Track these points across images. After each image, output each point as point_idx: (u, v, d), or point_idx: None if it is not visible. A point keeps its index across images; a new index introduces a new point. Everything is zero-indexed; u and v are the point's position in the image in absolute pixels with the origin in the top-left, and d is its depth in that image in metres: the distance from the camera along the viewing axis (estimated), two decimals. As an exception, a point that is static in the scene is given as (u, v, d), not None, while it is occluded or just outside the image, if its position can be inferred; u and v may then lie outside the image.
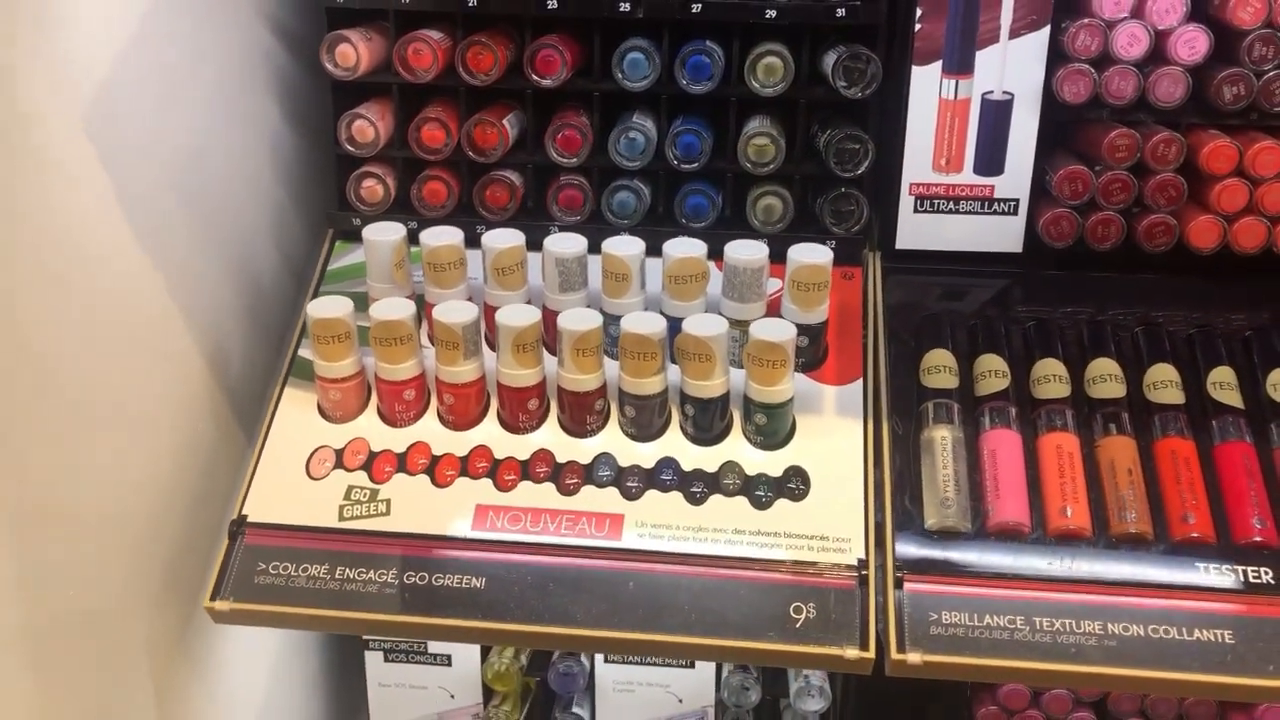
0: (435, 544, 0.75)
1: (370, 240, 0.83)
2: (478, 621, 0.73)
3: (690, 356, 0.76)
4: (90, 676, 0.70)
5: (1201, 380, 0.80)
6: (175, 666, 0.80)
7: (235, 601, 0.74)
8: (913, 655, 0.70)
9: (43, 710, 0.64)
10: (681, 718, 1.04)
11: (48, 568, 0.64)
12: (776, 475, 0.77)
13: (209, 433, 0.84)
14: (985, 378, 0.81)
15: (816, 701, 0.99)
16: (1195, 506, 0.74)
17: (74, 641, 0.68)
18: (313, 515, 0.77)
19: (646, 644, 0.72)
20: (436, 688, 1.04)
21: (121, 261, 0.72)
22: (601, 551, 0.75)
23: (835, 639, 0.71)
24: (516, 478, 0.78)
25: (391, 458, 0.79)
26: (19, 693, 0.62)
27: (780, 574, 0.73)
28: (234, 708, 0.91)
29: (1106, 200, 0.83)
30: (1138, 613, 0.71)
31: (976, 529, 0.74)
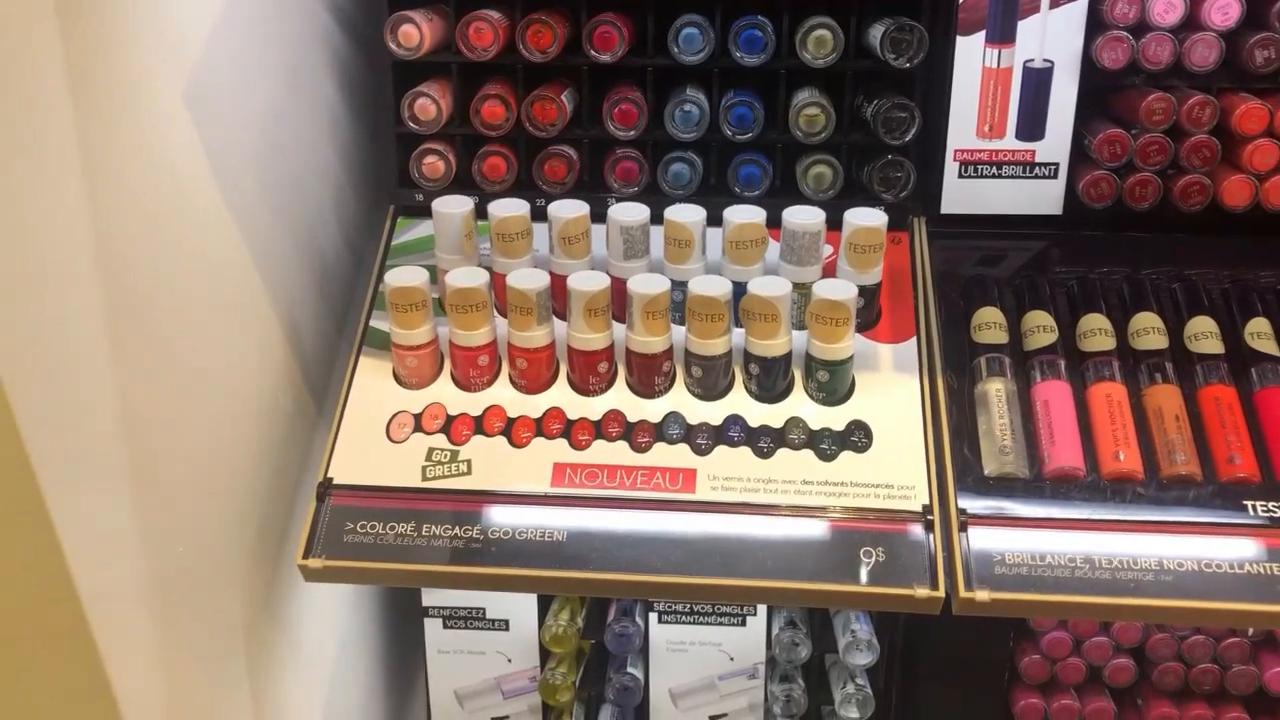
0: (517, 500, 0.79)
1: (440, 213, 0.86)
2: (561, 571, 0.76)
3: (756, 317, 0.80)
4: (198, 628, 0.73)
5: (1239, 331, 0.84)
6: (263, 625, 0.83)
7: (327, 559, 0.77)
8: (980, 593, 0.73)
9: (164, 660, 0.67)
10: (733, 674, 1.07)
11: (164, 525, 0.67)
12: (839, 429, 0.81)
13: (286, 401, 0.87)
14: (1033, 333, 0.84)
15: (865, 655, 1.02)
16: (1240, 449, 0.77)
17: (185, 594, 0.71)
18: (396, 476, 0.80)
19: (723, 589, 0.75)
20: (494, 652, 1.08)
21: (216, 232, 0.75)
22: (676, 504, 0.78)
23: (905, 580, 0.75)
24: (590, 437, 0.81)
25: (469, 420, 0.82)
26: (145, 643, 0.64)
27: (849, 521, 0.77)
28: (310, 668, 0.94)
29: (1144, 162, 0.87)
30: (1191, 549, 0.74)
31: (1034, 475, 0.78)
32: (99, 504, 0.60)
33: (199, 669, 0.73)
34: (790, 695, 1.06)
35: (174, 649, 0.68)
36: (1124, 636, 0.99)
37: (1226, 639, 0.98)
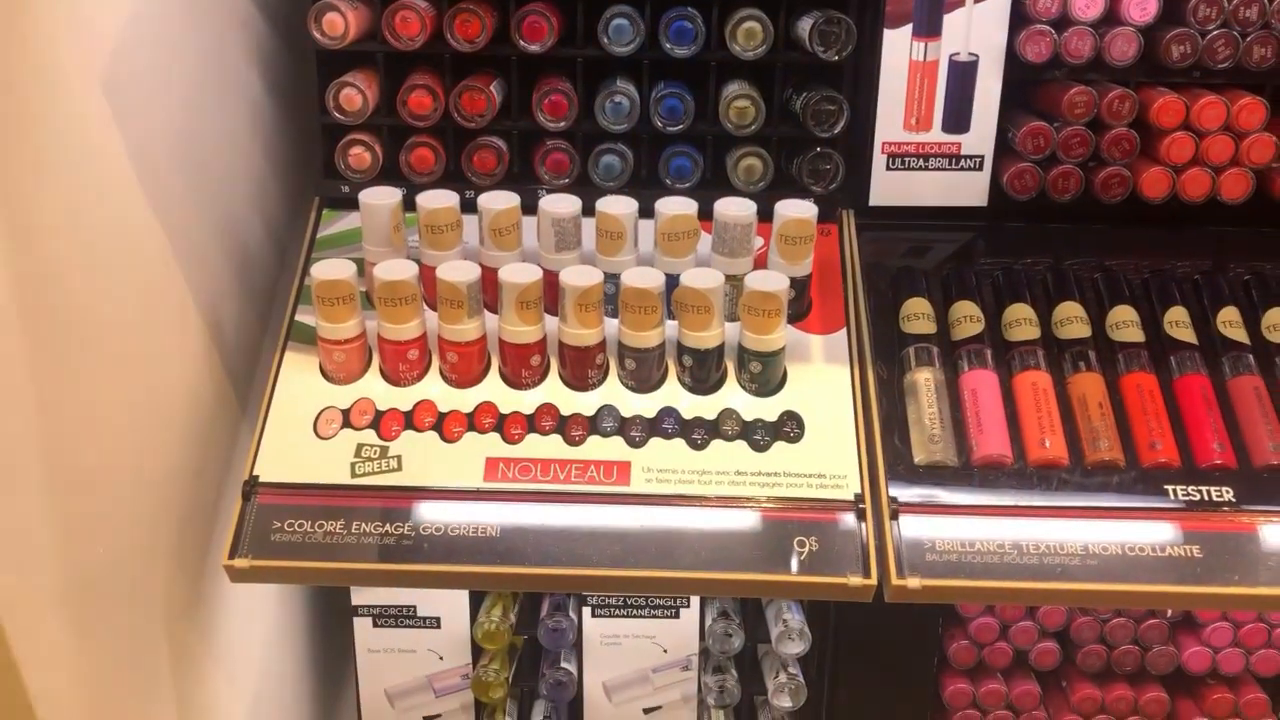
0: (449, 496, 0.78)
1: (367, 204, 0.84)
2: (496, 567, 0.75)
3: (689, 309, 0.80)
4: (119, 632, 0.70)
5: (1159, 320, 0.86)
6: (185, 627, 0.81)
7: (254, 559, 0.75)
8: (912, 580, 0.74)
9: (83, 664, 0.65)
10: (666, 666, 1.07)
11: (80, 526, 0.65)
12: (772, 420, 0.81)
13: (208, 398, 0.84)
14: (961, 323, 0.85)
15: (797, 645, 1.03)
16: (1161, 434, 0.79)
17: (105, 596, 0.68)
18: (325, 473, 0.78)
19: (659, 581, 0.75)
20: (425, 650, 1.06)
21: (135, 224, 0.73)
22: (611, 497, 0.78)
23: (838, 569, 0.75)
24: (523, 431, 0.80)
25: (399, 416, 0.81)
26: (61, 648, 0.62)
27: (782, 511, 0.77)
28: (237, 669, 0.92)
29: (1066, 154, 0.89)
30: (1115, 533, 0.76)
31: (963, 463, 0.79)
32: (9, 502, 0.58)
33: (120, 673, 0.71)
34: (724, 686, 1.06)
35: (93, 653, 0.66)
36: (1049, 620, 1.01)
37: (1146, 621, 1.00)
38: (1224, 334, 0.84)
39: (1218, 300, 0.86)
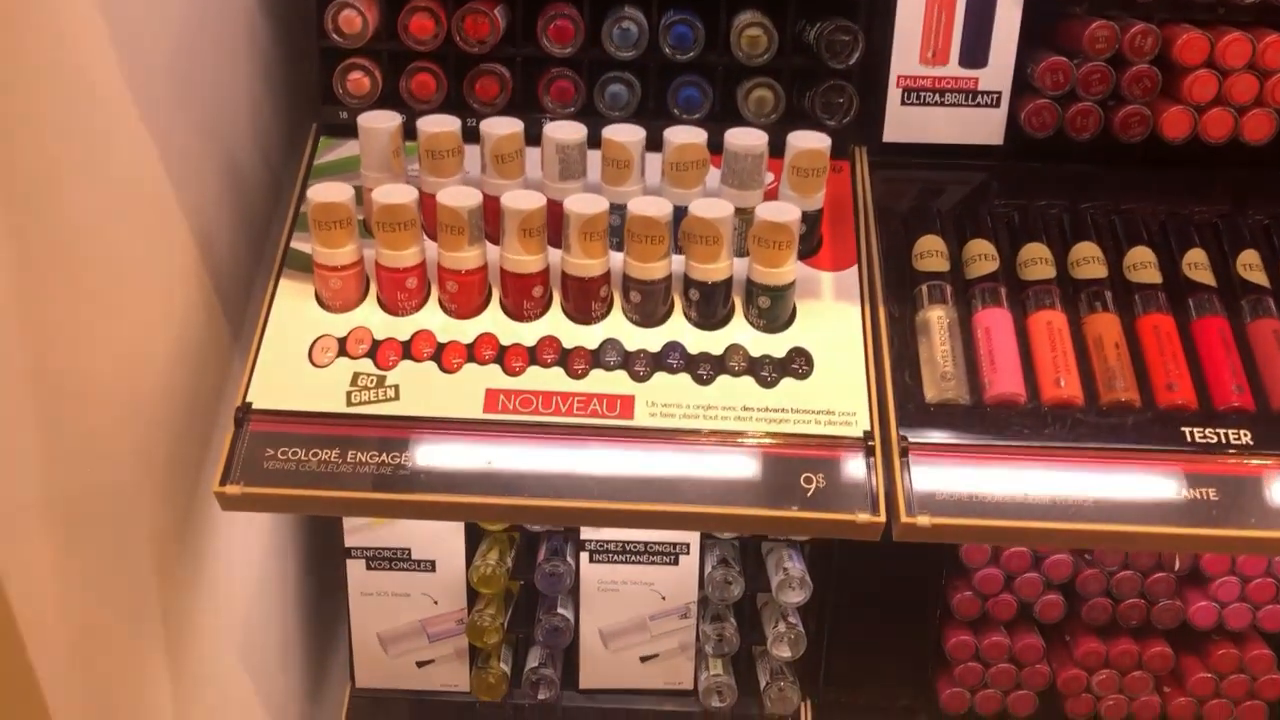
0: (447, 427, 0.75)
1: (366, 127, 0.81)
2: (495, 498, 0.73)
3: (697, 240, 0.77)
4: (104, 557, 0.68)
5: (1177, 262, 0.84)
6: (175, 559, 0.79)
7: (245, 486, 0.73)
8: (921, 518, 0.72)
9: (68, 584, 0.62)
10: (665, 614, 1.05)
11: (67, 440, 0.63)
12: (780, 356, 0.79)
13: (199, 324, 0.82)
14: (975, 262, 0.83)
15: (797, 593, 1.01)
16: (1178, 376, 0.77)
17: (91, 519, 0.66)
18: (319, 401, 0.76)
19: (662, 515, 0.73)
20: (420, 594, 1.04)
21: (127, 142, 0.70)
22: (614, 430, 0.76)
23: (846, 506, 0.73)
24: (524, 363, 0.78)
25: (396, 345, 0.79)
26: (42, 562, 0.60)
27: (790, 447, 0.75)
28: (227, 608, 0.90)
29: (1086, 91, 0.86)
30: (1129, 474, 0.74)
31: (975, 401, 0.77)
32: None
33: (106, 598, 0.69)
34: (722, 634, 1.05)
35: (79, 575, 0.64)
36: (1054, 572, 0.99)
37: (1153, 574, 0.99)
38: (1243, 277, 0.82)
39: (1237, 243, 0.84)
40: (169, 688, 0.78)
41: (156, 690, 0.77)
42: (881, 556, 1.00)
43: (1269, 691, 1.03)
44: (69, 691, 0.62)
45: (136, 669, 0.74)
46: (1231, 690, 1.03)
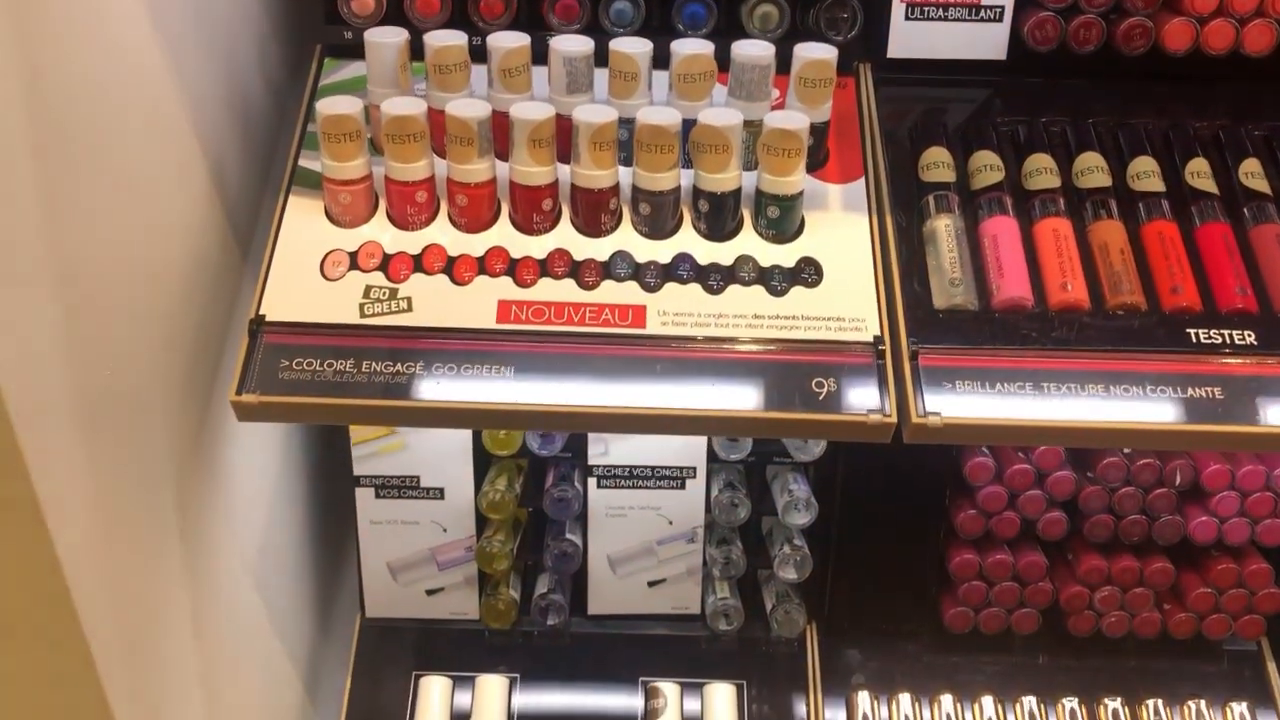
0: (461, 337, 0.76)
1: (373, 42, 0.81)
2: (510, 403, 0.73)
3: (706, 149, 0.78)
4: (127, 461, 0.69)
5: (1179, 172, 0.84)
6: (191, 473, 0.80)
7: (262, 394, 0.73)
8: (932, 418, 0.73)
9: (87, 480, 0.63)
10: (672, 539, 1.06)
11: (88, 346, 0.63)
12: (790, 266, 0.79)
13: (213, 243, 0.82)
14: (980, 173, 0.84)
15: (803, 515, 1.03)
16: (1183, 279, 0.78)
17: (114, 422, 0.67)
18: (332, 313, 0.76)
19: (676, 418, 0.74)
20: (429, 522, 1.05)
21: (141, 57, 0.70)
22: (626, 339, 0.76)
23: (857, 408, 0.74)
24: (536, 276, 0.79)
25: (407, 259, 0.79)
26: (67, 460, 0.60)
27: (801, 353, 0.76)
28: (240, 532, 0.90)
29: (1088, 4, 0.87)
30: (1136, 374, 0.75)
31: (982, 307, 0.78)
32: (17, 299, 0.56)
33: (127, 501, 0.69)
34: (729, 557, 1.06)
35: (102, 474, 0.65)
36: (1057, 490, 1.00)
37: (1154, 490, 1.00)
38: (1246, 185, 0.83)
39: (1239, 153, 0.85)
40: (188, 599, 0.79)
41: (177, 599, 0.77)
42: (886, 477, 1.02)
43: (1267, 605, 1.05)
44: (96, 592, 0.63)
45: (157, 574, 0.74)
46: (1230, 605, 1.05)
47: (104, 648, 0.64)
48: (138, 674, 0.70)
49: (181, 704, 0.78)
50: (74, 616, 0.61)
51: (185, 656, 0.79)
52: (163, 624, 0.75)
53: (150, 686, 0.72)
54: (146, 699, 0.71)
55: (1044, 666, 1.08)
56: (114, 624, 0.66)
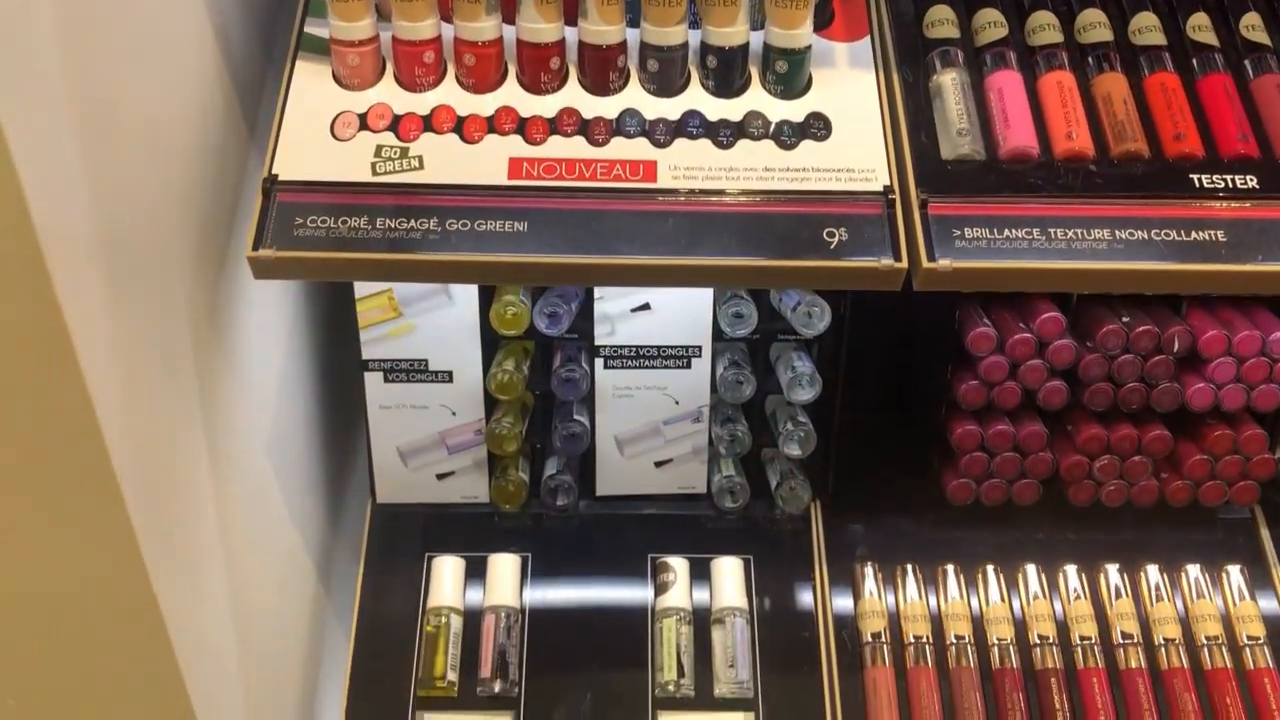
0: (473, 194, 0.76)
1: (377, -97, 0.81)
2: (525, 256, 0.74)
3: (715, 1, 0.78)
4: (148, 299, 0.69)
5: (1181, 27, 0.85)
6: (206, 330, 0.80)
7: (278, 250, 0.73)
8: (943, 263, 0.74)
9: (110, 318, 0.63)
10: (678, 419, 1.08)
11: (111, 178, 0.63)
12: (799, 120, 0.80)
13: (221, 104, 0.82)
14: (984, 29, 0.84)
15: (807, 391, 1.04)
16: (1185, 127, 0.79)
17: (134, 262, 0.67)
18: (345, 172, 0.77)
19: (690, 269, 0.75)
20: (438, 406, 1.06)
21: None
22: (638, 193, 0.77)
23: (868, 254, 0.75)
24: (545, 134, 0.79)
25: (416, 120, 0.79)
26: (92, 292, 0.61)
27: (811, 204, 0.77)
28: (254, 403, 0.91)
29: None
30: (1141, 219, 0.76)
31: (989, 158, 0.79)
32: (50, 123, 0.56)
33: (151, 358, 0.70)
34: (734, 435, 1.07)
35: (126, 314, 0.65)
36: (1057, 358, 1.01)
37: (1153, 358, 1.02)
38: (1246, 37, 0.84)
39: (1240, 7, 0.86)
40: (209, 468, 0.79)
41: (197, 457, 0.78)
42: (888, 352, 1.03)
43: (1261, 471, 1.07)
44: (123, 436, 0.63)
45: (178, 430, 0.75)
46: (1226, 472, 1.07)
47: (136, 500, 0.64)
48: (166, 529, 0.70)
49: (208, 573, 0.79)
50: (105, 455, 0.62)
51: (209, 527, 0.80)
52: (188, 490, 0.76)
53: (179, 546, 0.73)
54: (178, 557, 0.72)
55: (1044, 539, 1.10)
56: (143, 480, 0.66)
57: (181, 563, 0.73)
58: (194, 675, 0.72)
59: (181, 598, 0.72)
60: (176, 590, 0.70)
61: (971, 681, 1.01)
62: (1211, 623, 1.04)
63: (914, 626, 1.04)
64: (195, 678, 0.73)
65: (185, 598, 0.73)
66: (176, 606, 0.70)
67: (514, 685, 1.00)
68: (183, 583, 0.73)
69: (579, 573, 1.07)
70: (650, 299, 1.01)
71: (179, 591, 0.71)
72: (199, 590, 0.76)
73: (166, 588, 0.68)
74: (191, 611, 0.74)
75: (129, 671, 0.71)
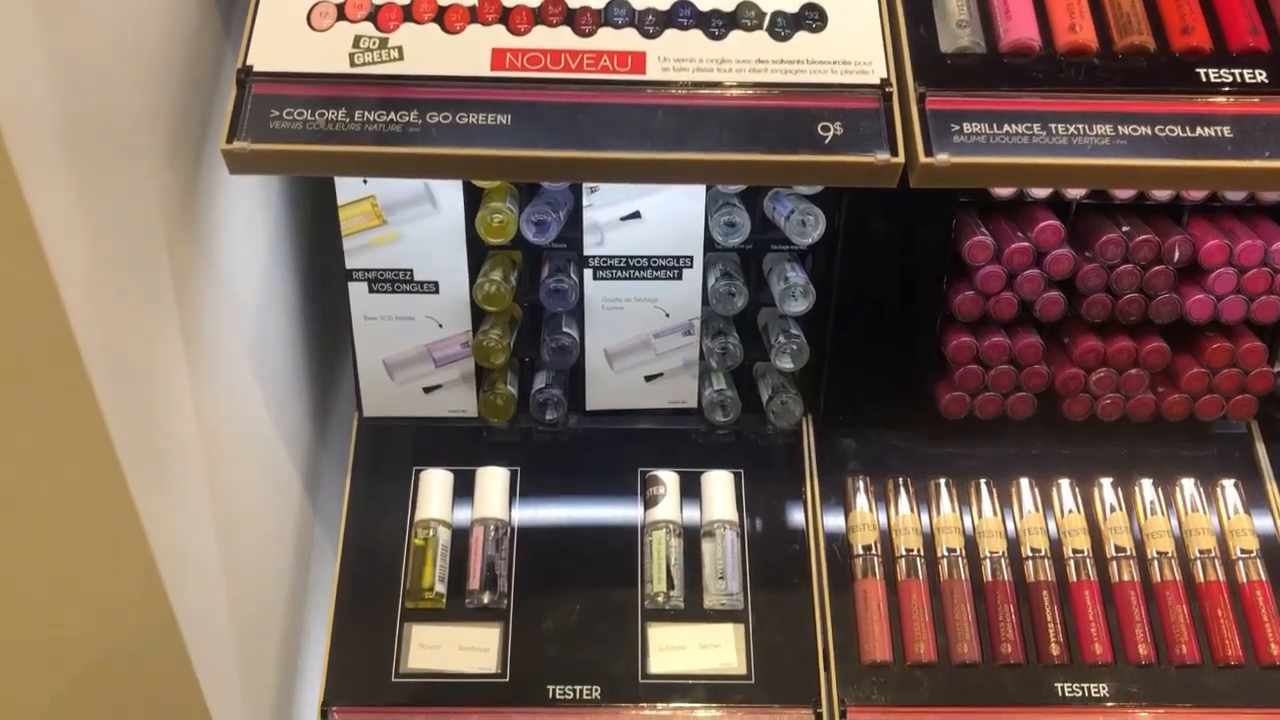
0: (455, 85, 0.74)
1: None
2: (509, 150, 0.72)
3: (705, -115, 0.75)
4: (113, 206, 0.67)
5: (1190, -82, 0.82)
6: (182, 237, 0.78)
7: (253, 143, 0.71)
8: (940, 158, 0.72)
9: (84, 221, 0.61)
10: (668, 331, 1.06)
11: (75, 64, 0.60)
12: (793, 11, 0.77)
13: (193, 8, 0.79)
14: (987, -80, 0.81)
15: (800, 303, 1.02)
16: (1193, 19, 0.77)
17: (101, 159, 0.64)
18: (322, 63, 0.74)
19: (680, 164, 0.73)
20: (424, 317, 1.04)
21: None
22: (626, 85, 0.74)
23: (864, 148, 0.73)
24: (529, 24, 0.76)
25: (396, 9, 0.76)
26: (60, 183, 0.59)
27: (806, 97, 0.74)
28: (235, 311, 0.89)
29: None
30: (1145, 115, 0.74)
31: (990, 51, 0.76)
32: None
33: (122, 253, 0.67)
34: (726, 348, 1.06)
35: (95, 208, 0.63)
36: (1055, 268, 1.00)
37: (1153, 268, 1.00)
38: (1258, -72, 0.81)
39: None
40: (185, 362, 0.78)
41: (173, 358, 0.76)
42: (883, 264, 1.01)
43: (1259, 384, 1.06)
44: (93, 329, 0.61)
45: (153, 326, 0.73)
46: (1223, 385, 1.05)
47: (108, 396, 0.63)
48: (142, 430, 0.69)
49: (188, 479, 0.78)
50: (74, 347, 0.60)
51: (188, 431, 0.78)
52: (165, 391, 0.74)
53: (156, 448, 0.71)
54: (155, 459, 0.71)
55: (1038, 453, 1.09)
56: (116, 377, 0.64)
57: (159, 466, 0.71)
58: (175, 580, 0.71)
59: (160, 501, 0.70)
60: (154, 492, 0.69)
61: (963, 594, 1.00)
62: (1205, 536, 1.03)
63: (905, 540, 1.03)
64: (176, 583, 0.72)
65: (164, 501, 0.71)
66: (154, 509, 0.68)
67: (503, 598, 1.00)
68: (161, 486, 0.71)
69: (568, 487, 1.06)
70: (640, 207, 0.98)
71: (157, 494, 0.70)
72: (178, 495, 0.75)
73: (143, 489, 0.67)
74: (171, 516, 0.73)
75: (106, 575, 0.69)
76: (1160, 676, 0.97)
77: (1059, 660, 0.97)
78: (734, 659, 0.97)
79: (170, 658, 0.73)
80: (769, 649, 0.97)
